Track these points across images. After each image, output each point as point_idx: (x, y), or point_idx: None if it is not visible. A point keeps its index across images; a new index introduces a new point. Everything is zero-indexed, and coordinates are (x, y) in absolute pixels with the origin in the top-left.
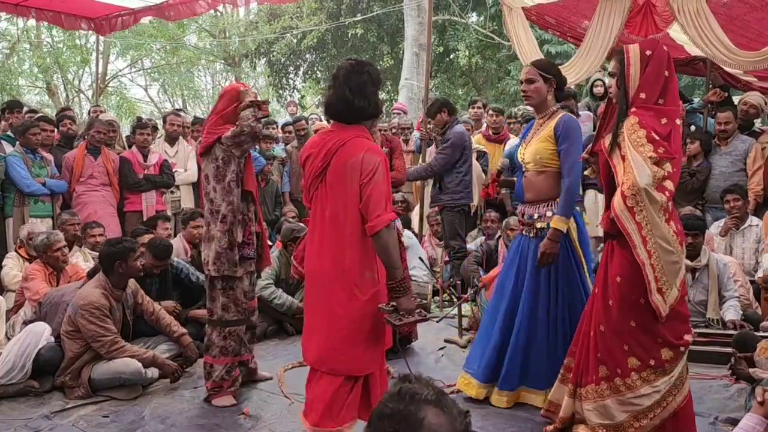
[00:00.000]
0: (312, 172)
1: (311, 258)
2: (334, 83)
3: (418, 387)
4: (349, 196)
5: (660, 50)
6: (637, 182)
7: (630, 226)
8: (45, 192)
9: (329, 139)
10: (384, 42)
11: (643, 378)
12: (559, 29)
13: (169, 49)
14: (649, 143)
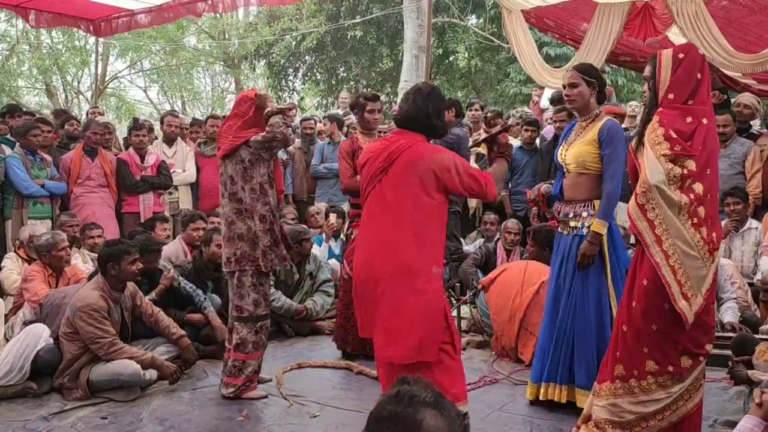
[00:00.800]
0: (373, 171)
1: (370, 258)
2: (416, 98)
3: (416, 389)
4: (420, 196)
5: (693, 53)
6: (647, 179)
7: (640, 224)
8: (44, 194)
9: (392, 142)
10: (383, 44)
11: (659, 383)
12: (558, 32)
13: (168, 50)
14: (666, 141)
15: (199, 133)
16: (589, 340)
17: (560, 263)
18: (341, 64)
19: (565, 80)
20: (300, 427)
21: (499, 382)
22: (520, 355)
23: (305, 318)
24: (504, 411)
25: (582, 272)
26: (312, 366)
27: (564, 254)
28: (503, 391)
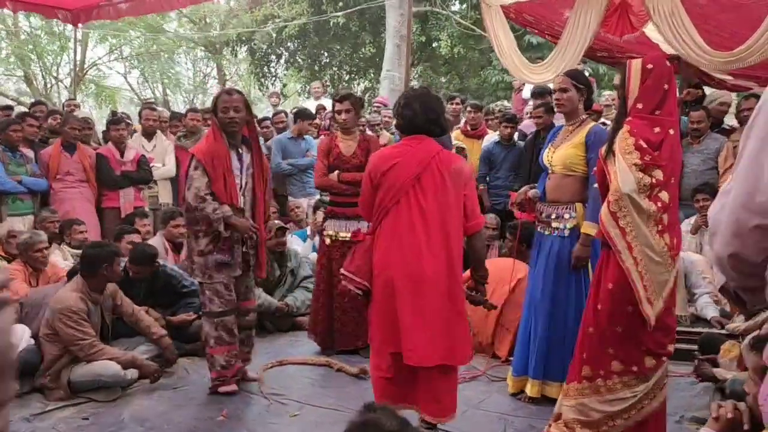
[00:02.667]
0: (403, 178)
1: (408, 263)
2: (421, 102)
3: (382, 416)
4: (454, 200)
5: (661, 65)
6: (619, 188)
7: (613, 231)
8: (21, 190)
9: (418, 148)
10: (366, 31)
11: (624, 383)
12: (537, 27)
13: (148, 36)
14: (636, 150)
15: (179, 126)
16: (566, 338)
17: (542, 262)
18: (324, 50)
19: (556, 85)
20: (280, 426)
21: (476, 378)
22: (497, 352)
23: (287, 314)
24: (479, 408)
25: (563, 272)
26: (293, 363)
27: (546, 254)
28: (479, 388)
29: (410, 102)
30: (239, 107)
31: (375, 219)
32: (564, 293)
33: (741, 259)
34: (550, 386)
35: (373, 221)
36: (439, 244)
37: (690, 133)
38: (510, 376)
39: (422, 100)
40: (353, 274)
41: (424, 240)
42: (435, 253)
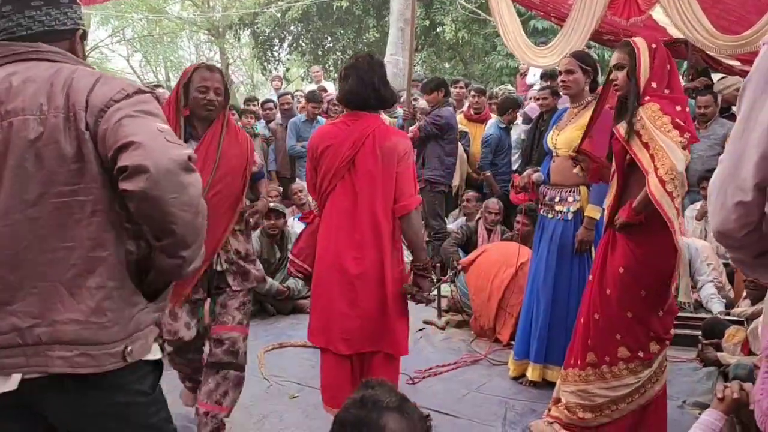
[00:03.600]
0: (338, 162)
1: (339, 250)
2: (357, 73)
3: (380, 393)
4: (386, 181)
5: (661, 46)
6: (675, 166)
7: (671, 211)
8: None
9: (354, 127)
10: (370, 14)
11: (630, 369)
12: (543, 9)
13: (151, 18)
14: (675, 129)
15: None
16: (568, 322)
17: (545, 246)
18: (327, 34)
19: (562, 66)
20: (279, 407)
21: (478, 362)
22: (498, 336)
23: (287, 297)
24: (480, 391)
25: (566, 256)
26: (293, 346)
27: (548, 237)
28: (480, 372)
29: (348, 74)
30: (220, 89)
31: (319, 201)
32: (566, 277)
33: (725, 235)
34: (552, 370)
35: (319, 203)
36: (370, 230)
37: (697, 118)
38: (511, 359)
39: (359, 71)
40: (295, 257)
41: (353, 226)
42: (365, 240)
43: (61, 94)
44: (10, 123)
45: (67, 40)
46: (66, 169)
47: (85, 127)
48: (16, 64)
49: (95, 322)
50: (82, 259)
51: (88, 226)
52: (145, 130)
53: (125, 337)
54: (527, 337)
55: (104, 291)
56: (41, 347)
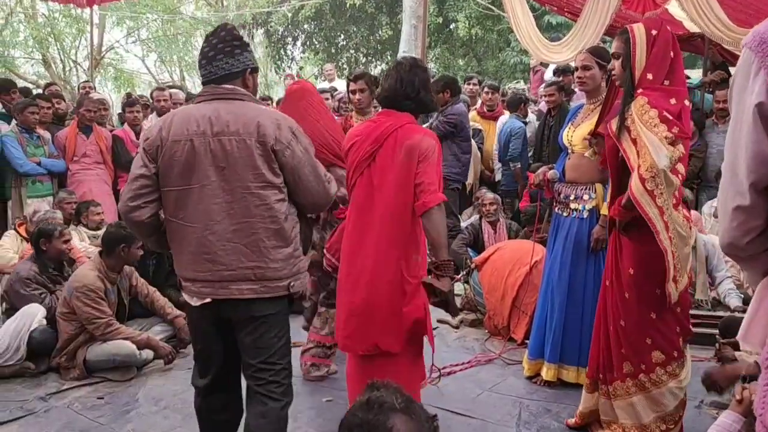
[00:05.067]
0: (359, 157)
1: (354, 244)
2: (398, 74)
3: (386, 395)
4: (405, 178)
5: (665, 30)
6: (656, 164)
7: (651, 210)
8: (40, 171)
9: (379, 124)
10: (383, 12)
11: (669, 372)
12: (557, 4)
13: (165, 19)
14: (663, 123)
15: None
16: (583, 322)
17: (560, 244)
18: (340, 32)
19: (578, 62)
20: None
21: (492, 361)
22: (513, 335)
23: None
24: (494, 391)
25: (581, 254)
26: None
27: (563, 236)
28: (495, 371)
29: (389, 75)
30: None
31: (348, 197)
32: (582, 276)
33: (735, 247)
34: (567, 370)
35: (348, 199)
36: (387, 227)
37: (716, 113)
38: (526, 359)
39: (400, 73)
40: (327, 251)
41: (372, 223)
42: (381, 237)
43: (253, 124)
44: (220, 141)
45: (241, 77)
46: (252, 173)
47: (271, 149)
48: (220, 101)
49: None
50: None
51: (267, 209)
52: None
53: (290, 275)
54: (542, 337)
55: (278, 249)
56: (249, 282)
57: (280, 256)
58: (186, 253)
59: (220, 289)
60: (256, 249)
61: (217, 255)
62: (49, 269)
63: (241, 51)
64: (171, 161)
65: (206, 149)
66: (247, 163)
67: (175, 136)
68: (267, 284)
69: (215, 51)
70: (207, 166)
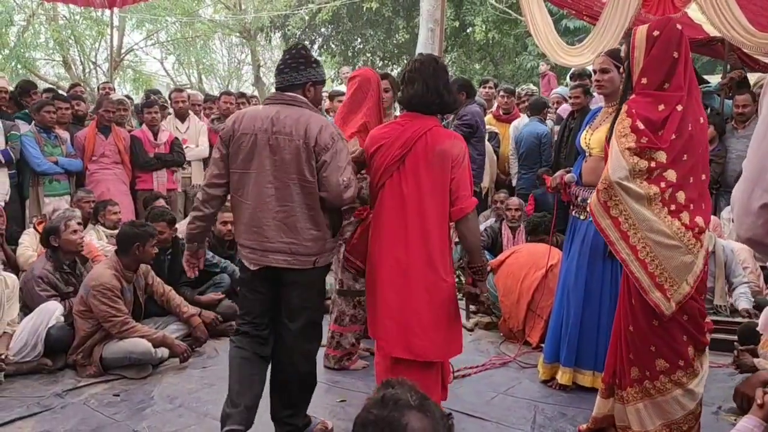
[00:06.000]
0: (388, 160)
1: (386, 248)
2: (423, 78)
3: (401, 392)
4: (438, 184)
5: (669, 30)
6: (608, 176)
7: (603, 222)
8: (58, 171)
9: (407, 127)
10: (400, 16)
11: (674, 381)
12: (575, 7)
13: (184, 21)
14: (633, 133)
15: (212, 109)
16: (600, 326)
17: (576, 247)
18: (357, 36)
19: (597, 65)
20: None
21: (506, 364)
22: (528, 338)
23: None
24: (509, 394)
25: (597, 258)
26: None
27: (580, 239)
28: (509, 374)
29: (414, 78)
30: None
31: (371, 199)
32: (598, 280)
33: (755, 242)
34: (582, 374)
35: (371, 201)
36: (418, 231)
37: (735, 118)
38: (541, 362)
39: (424, 76)
40: (348, 254)
41: (403, 227)
42: (412, 241)
43: (302, 128)
44: (276, 138)
45: (302, 88)
46: (296, 168)
47: (312, 149)
48: (281, 105)
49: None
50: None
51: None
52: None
53: (317, 253)
54: (557, 340)
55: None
56: (287, 254)
57: (311, 237)
58: (241, 223)
59: (261, 257)
60: (294, 229)
61: (262, 229)
62: (63, 266)
63: (304, 67)
64: (238, 148)
65: (265, 143)
66: (293, 159)
67: (244, 129)
68: (298, 258)
69: (285, 65)
70: (264, 156)
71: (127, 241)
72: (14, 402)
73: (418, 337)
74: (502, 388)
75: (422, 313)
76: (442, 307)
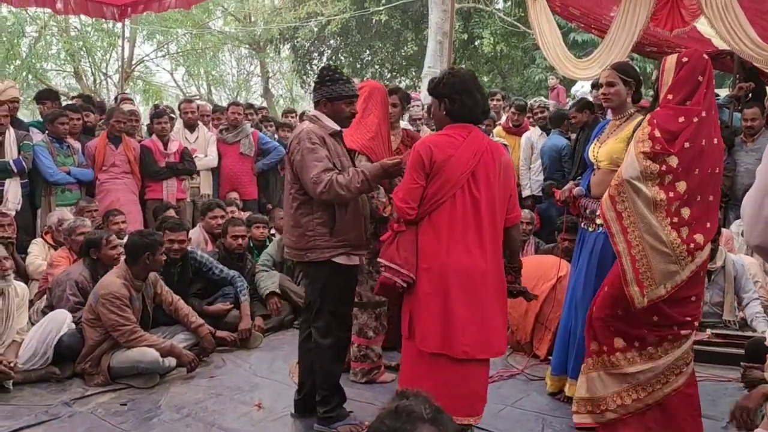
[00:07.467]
0: (460, 171)
1: (461, 257)
2: (471, 90)
3: (414, 404)
4: (504, 192)
5: (697, 58)
6: (621, 174)
7: (609, 213)
8: (70, 180)
9: (471, 139)
10: (408, 28)
11: (628, 359)
12: (584, 21)
13: (194, 33)
14: (649, 140)
15: (221, 119)
16: None
17: (584, 259)
18: (366, 48)
19: (603, 79)
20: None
21: (514, 377)
22: (536, 350)
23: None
24: (517, 407)
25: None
26: None
27: (588, 251)
28: (517, 387)
29: (471, 90)
30: None
31: (423, 209)
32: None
33: (765, 250)
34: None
35: (420, 211)
36: (490, 237)
37: (744, 131)
38: (549, 375)
39: (474, 89)
40: (400, 266)
41: (477, 234)
42: (486, 246)
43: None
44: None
45: (319, 105)
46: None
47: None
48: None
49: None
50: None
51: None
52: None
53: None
54: (565, 353)
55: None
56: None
57: (297, 233)
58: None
59: (286, 249)
60: (288, 224)
61: (284, 226)
62: (99, 276)
63: (319, 87)
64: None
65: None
66: (287, 164)
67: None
68: (293, 250)
69: (314, 85)
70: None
71: (138, 250)
72: (23, 410)
73: (496, 338)
74: (510, 401)
75: (499, 315)
76: (505, 307)
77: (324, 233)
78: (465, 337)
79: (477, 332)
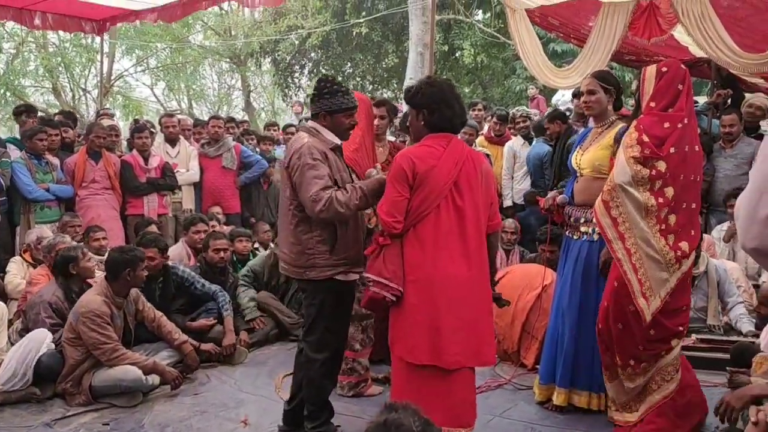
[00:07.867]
0: (443, 181)
1: (447, 266)
2: (452, 100)
3: (403, 417)
4: (485, 200)
5: (676, 68)
6: (613, 179)
7: (604, 220)
8: (49, 197)
9: (451, 149)
10: (389, 40)
11: (627, 375)
12: (563, 30)
13: (174, 48)
14: (638, 145)
15: (201, 133)
16: (595, 346)
17: (570, 267)
18: (347, 60)
19: (584, 87)
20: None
21: (502, 386)
22: (523, 359)
23: None
24: (505, 417)
25: (591, 277)
26: None
27: (573, 259)
28: (505, 396)
29: (449, 99)
30: None
31: (408, 222)
32: (593, 299)
33: (761, 253)
34: (578, 395)
35: (405, 223)
36: (475, 246)
37: (723, 137)
38: (537, 384)
39: (452, 99)
40: (388, 281)
41: (462, 243)
42: (471, 255)
43: (288, 152)
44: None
45: (317, 117)
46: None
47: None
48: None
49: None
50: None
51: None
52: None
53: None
54: (553, 361)
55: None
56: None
57: (297, 250)
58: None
59: (283, 265)
60: (285, 240)
61: (280, 242)
62: (73, 294)
63: (318, 99)
64: None
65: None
66: (283, 179)
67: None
68: (291, 267)
69: (311, 97)
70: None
71: (118, 267)
72: None
73: (486, 346)
74: (498, 411)
75: (487, 322)
76: (491, 315)
77: (324, 251)
78: (454, 346)
79: (466, 340)
